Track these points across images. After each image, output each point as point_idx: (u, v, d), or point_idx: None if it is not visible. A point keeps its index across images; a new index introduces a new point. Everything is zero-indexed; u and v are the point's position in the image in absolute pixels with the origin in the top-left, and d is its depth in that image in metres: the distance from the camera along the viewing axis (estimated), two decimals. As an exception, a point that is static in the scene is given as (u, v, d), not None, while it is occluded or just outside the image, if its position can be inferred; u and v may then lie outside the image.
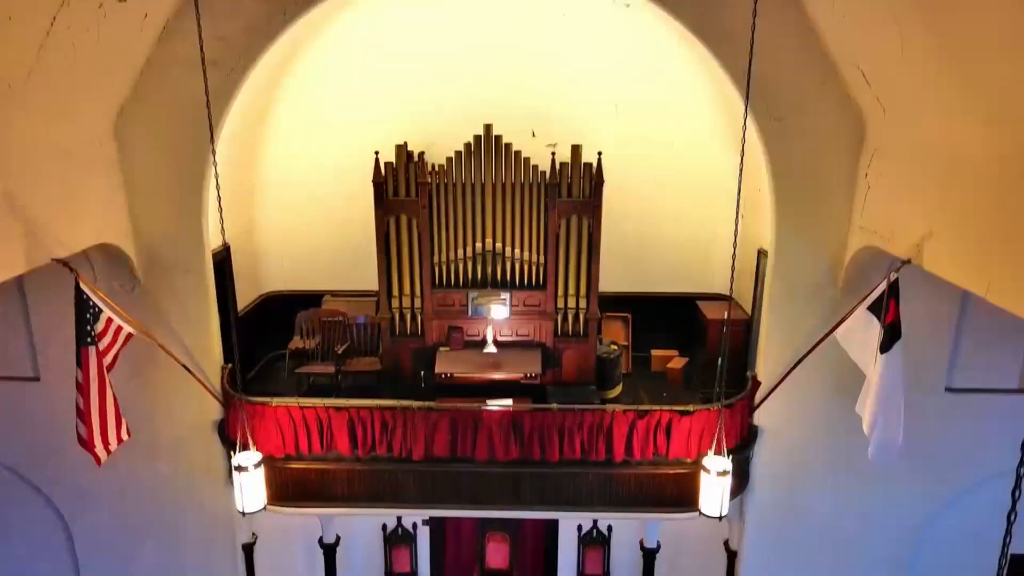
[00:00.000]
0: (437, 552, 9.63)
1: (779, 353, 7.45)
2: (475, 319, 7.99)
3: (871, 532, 8.07)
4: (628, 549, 9.41)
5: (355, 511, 7.38)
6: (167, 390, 7.75)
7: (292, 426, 7.07)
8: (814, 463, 7.84)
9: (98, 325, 6.05)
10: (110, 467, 7.96)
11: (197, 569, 8.35)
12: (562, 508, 7.27)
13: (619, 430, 7.01)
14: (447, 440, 7.03)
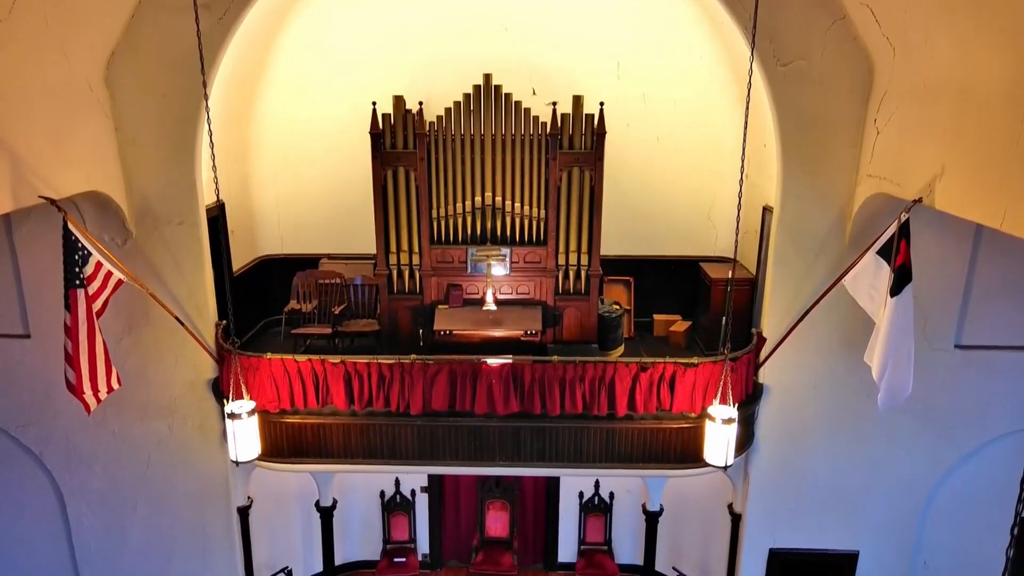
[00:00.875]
0: (436, 520, 9.49)
1: (785, 309, 7.29)
2: (474, 276, 7.84)
3: (878, 493, 7.91)
4: (630, 516, 9.28)
5: (351, 468, 7.23)
6: (160, 348, 7.60)
7: (287, 380, 6.92)
8: (820, 422, 7.68)
9: (87, 268, 5.89)
10: (102, 427, 7.90)
11: (191, 532, 8.19)
12: (563, 465, 7.12)
13: (622, 384, 6.86)
14: (445, 394, 6.87)
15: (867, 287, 6.21)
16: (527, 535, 9.60)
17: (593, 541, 9.35)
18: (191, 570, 8.32)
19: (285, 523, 8.86)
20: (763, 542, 8.14)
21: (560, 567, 9.57)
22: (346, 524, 9.34)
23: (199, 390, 7.71)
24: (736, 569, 8.31)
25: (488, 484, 9.27)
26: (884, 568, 8.16)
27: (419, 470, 7.22)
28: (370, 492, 9.29)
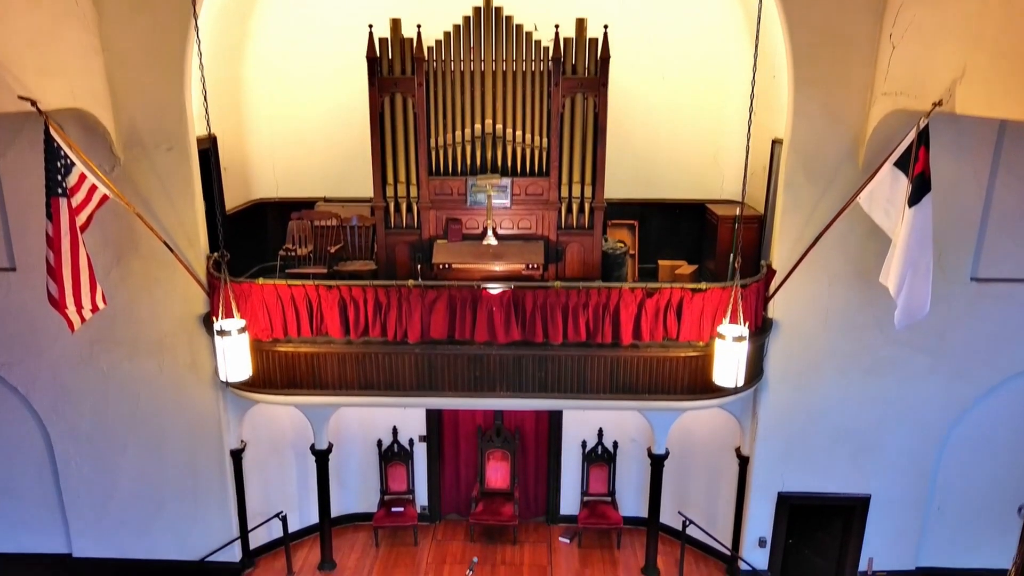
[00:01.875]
0: (435, 472, 9.24)
1: (795, 240, 7.04)
2: (474, 210, 7.59)
3: (891, 434, 7.67)
4: (634, 466, 9.05)
5: (347, 400, 6.99)
6: (150, 282, 7.37)
7: (280, 307, 6.68)
8: (831, 359, 7.44)
9: (70, 179, 5.65)
10: (90, 365, 7.66)
11: (183, 476, 7.96)
12: (566, 396, 6.87)
13: (627, 310, 6.62)
14: (444, 322, 6.63)
15: (883, 203, 5.97)
16: (528, 487, 9.35)
17: (596, 492, 9.11)
18: (183, 515, 8.09)
19: (280, 470, 8.61)
20: (772, 486, 7.90)
21: (562, 519, 9.33)
22: (343, 475, 9.09)
23: (190, 326, 7.48)
24: (744, 514, 8.07)
25: (488, 434, 9.03)
26: (896, 512, 7.92)
27: (417, 402, 6.97)
28: (367, 442, 9.05)
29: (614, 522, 8.80)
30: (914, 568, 8.13)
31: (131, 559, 8.25)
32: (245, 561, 8.35)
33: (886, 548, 8.06)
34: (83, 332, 7.51)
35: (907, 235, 5.63)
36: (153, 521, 8.14)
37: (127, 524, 8.15)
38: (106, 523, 8.16)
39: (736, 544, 8.21)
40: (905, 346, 7.38)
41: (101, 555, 8.28)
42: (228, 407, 7.80)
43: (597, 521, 8.82)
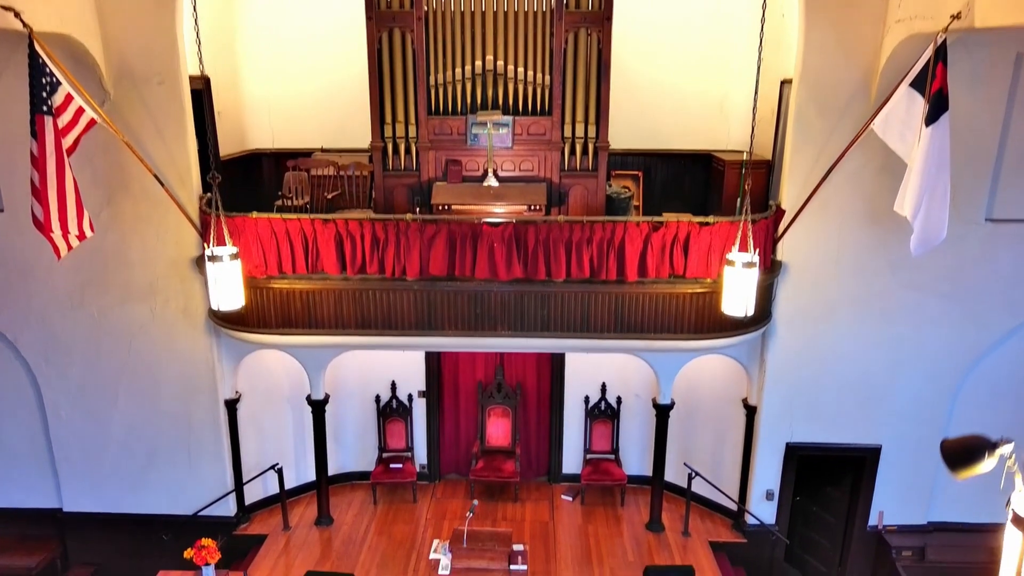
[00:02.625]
0: (434, 430, 9.04)
1: (805, 178, 6.82)
2: (474, 151, 7.38)
3: (903, 382, 7.46)
4: (638, 422, 8.85)
5: (344, 339, 6.78)
6: (141, 223, 7.16)
7: (274, 242, 6.48)
8: (842, 303, 7.23)
9: (56, 98, 5.45)
10: (80, 309, 7.46)
11: (175, 427, 7.76)
12: (570, 335, 6.66)
13: (632, 245, 6.41)
14: (444, 257, 6.43)
15: (899, 127, 5.77)
16: (530, 446, 9.15)
17: (599, 450, 8.91)
18: (176, 468, 7.89)
19: (276, 424, 8.41)
20: (779, 436, 7.70)
21: (564, 478, 9.13)
22: (340, 433, 8.89)
23: (182, 269, 7.27)
24: (751, 466, 7.87)
25: (489, 389, 8.83)
26: (908, 465, 7.71)
27: (416, 343, 6.76)
28: (365, 398, 8.85)
29: (618, 479, 8.60)
30: (926, 523, 7.93)
31: (123, 513, 8.06)
32: (240, 516, 8.16)
33: (897, 502, 7.85)
34: (73, 276, 7.35)
35: (924, 157, 5.43)
36: (145, 474, 7.94)
37: (119, 477, 7.95)
38: (97, 476, 7.96)
39: (743, 497, 8.01)
40: (917, 290, 7.17)
41: (92, 509, 8.08)
42: (222, 355, 7.60)
43: (600, 478, 8.62)
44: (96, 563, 8.14)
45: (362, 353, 8.56)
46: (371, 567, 7.49)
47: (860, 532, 7.92)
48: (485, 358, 8.87)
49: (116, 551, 8.08)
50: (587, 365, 8.66)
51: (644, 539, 7.99)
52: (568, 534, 8.11)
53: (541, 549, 7.79)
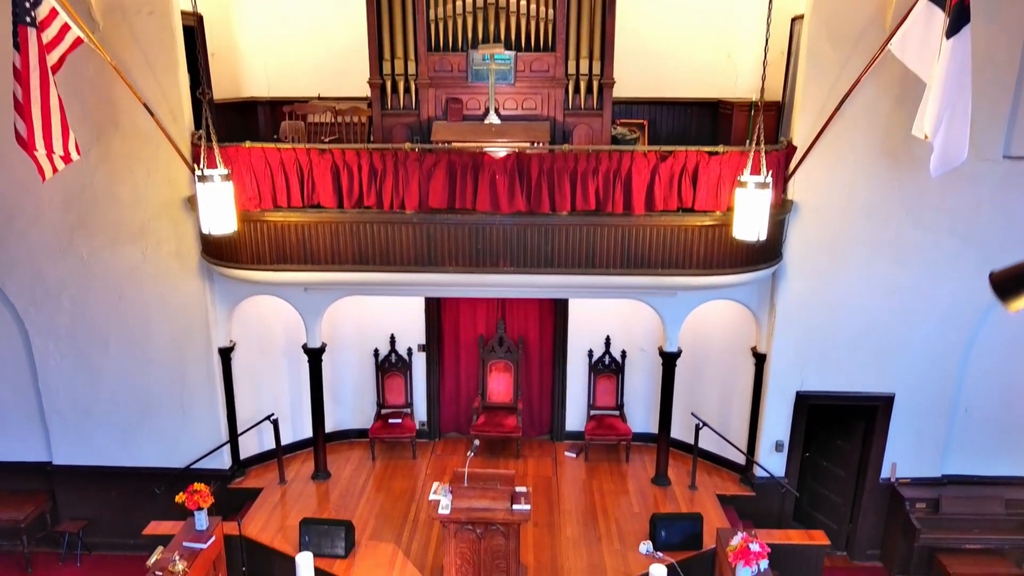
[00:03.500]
0: (434, 387, 8.82)
1: (817, 112, 6.59)
2: (475, 88, 7.16)
3: (917, 329, 7.23)
4: (643, 378, 8.64)
5: (341, 276, 6.55)
6: (132, 161, 6.94)
7: (268, 173, 6.26)
8: (855, 246, 7.01)
9: (40, 10, 5.23)
10: (69, 252, 7.25)
11: (168, 375, 7.54)
12: (574, 271, 6.43)
13: (639, 176, 6.19)
14: (444, 189, 6.21)
15: (917, 45, 5.55)
16: (532, 403, 8.93)
17: (604, 406, 8.68)
18: (169, 419, 7.68)
19: (271, 378, 8.19)
20: (789, 385, 7.47)
21: (568, 436, 8.91)
22: (337, 389, 8.68)
23: (174, 210, 7.06)
24: (760, 417, 7.65)
25: (490, 343, 8.61)
26: (921, 415, 7.48)
27: (415, 280, 6.51)
28: (363, 352, 8.64)
29: (622, 433, 8.38)
30: (940, 476, 7.70)
31: (114, 467, 7.83)
32: (235, 470, 7.94)
33: (910, 454, 7.63)
34: (61, 217, 7.14)
35: (945, 72, 5.21)
36: (137, 426, 7.72)
37: (109, 429, 7.73)
38: (87, 427, 7.74)
39: (751, 449, 7.79)
40: (932, 231, 6.95)
41: (82, 462, 7.86)
42: (216, 300, 7.38)
43: (605, 433, 8.40)
44: (87, 518, 7.92)
45: (360, 305, 8.37)
46: (369, 518, 7.28)
47: (872, 485, 7.70)
48: (486, 311, 8.65)
49: (107, 505, 7.87)
50: (591, 317, 8.45)
51: (650, 492, 7.77)
52: (572, 488, 7.89)
53: (544, 502, 7.58)
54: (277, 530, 7.05)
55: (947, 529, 7.37)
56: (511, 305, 8.61)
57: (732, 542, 6.00)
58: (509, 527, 5.89)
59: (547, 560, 6.64)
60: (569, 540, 6.95)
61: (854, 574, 7.75)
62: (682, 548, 6.67)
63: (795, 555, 6.84)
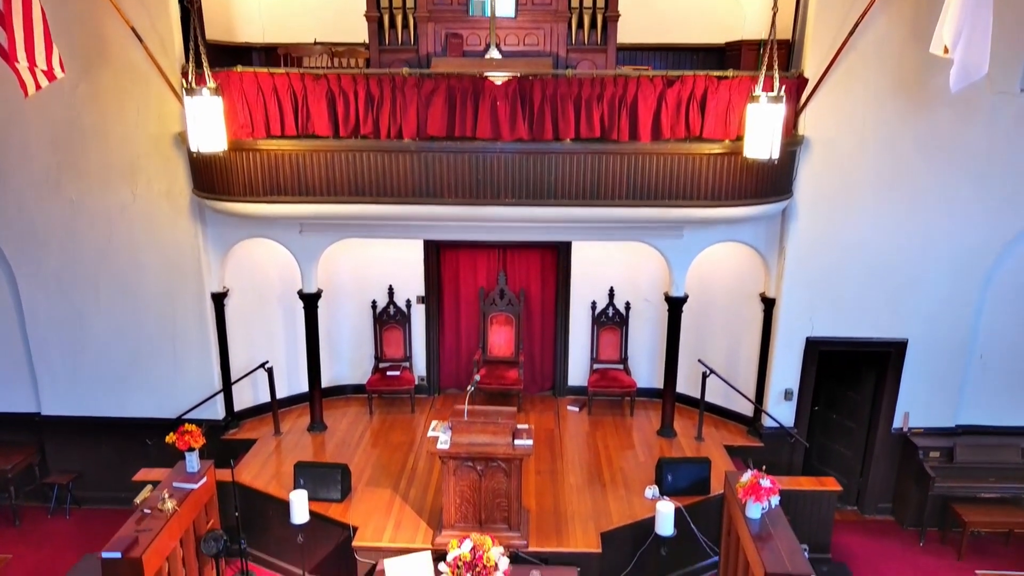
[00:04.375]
0: (433, 341, 8.60)
1: (830, 46, 6.35)
2: (476, 22, 6.95)
3: (931, 271, 7.01)
4: (648, 331, 8.44)
5: (336, 208, 6.32)
6: (121, 97, 6.72)
7: (261, 100, 6.04)
8: (868, 184, 6.79)
9: (22, -82, 5.01)
10: (57, 193, 7.05)
11: (159, 322, 7.34)
12: (579, 203, 6.21)
13: (645, 103, 5.97)
14: (443, 116, 5.99)
15: (935, -44, 5.32)
16: (534, 358, 8.72)
17: (607, 359, 8.47)
18: (160, 366, 7.47)
19: (266, 328, 7.98)
20: (799, 330, 7.26)
21: (570, 391, 8.69)
22: (334, 342, 8.47)
23: (165, 147, 6.84)
24: (768, 363, 7.44)
25: (491, 296, 8.40)
26: (935, 362, 7.27)
27: (413, 212, 6.28)
28: (361, 304, 8.42)
29: (627, 386, 8.17)
30: (953, 426, 7.49)
31: (104, 417, 7.62)
32: (228, 421, 7.72)
33: (923, 403, 7.42)
34: (49, 156, 6.93)
35: (965, -21, 5.00)
36: (127, 375, 7.50)
37: (99, 378, 7.52)
38: (77, 377, 7.53)
39: (760, 398, 7.57)
40: (946, 169, 6.74)
41: (72, 413, 7.64)
42: (208, 243, 7.17)
43: (608, 385, 8.19)
44: (76, 470, 7.71)
45: (357, 254, 8.17)
46: (365, 467, 7.07)
47: (884, 435, 7.49)
48: (487, 262, 8.44)
49: (97, 458, 7.65)
50: (594, 268, 8.25)
51: (655, 444, 7.56)
52: (575, 440, 7.68)
53: (547, 453, 7.37)
54: (271, 476, 6.84)
55: (962, 478, 7.15)
56: (512, 256, 8.40)
57: (742, 479, 5.78)
58: (511, 464, 5.67)
59: (550, 505, 6.42)
60: (572, 487, 6.74)
61: (865, 527, 7.53)
62: (689, 493, 6.46)
63: (806, 501, 6.63)
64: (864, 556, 7.00)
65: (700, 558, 6.67)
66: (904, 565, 6.92)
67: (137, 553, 5.21)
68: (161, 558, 5.50)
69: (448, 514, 5.82)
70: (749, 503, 5.68)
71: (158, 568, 5.47)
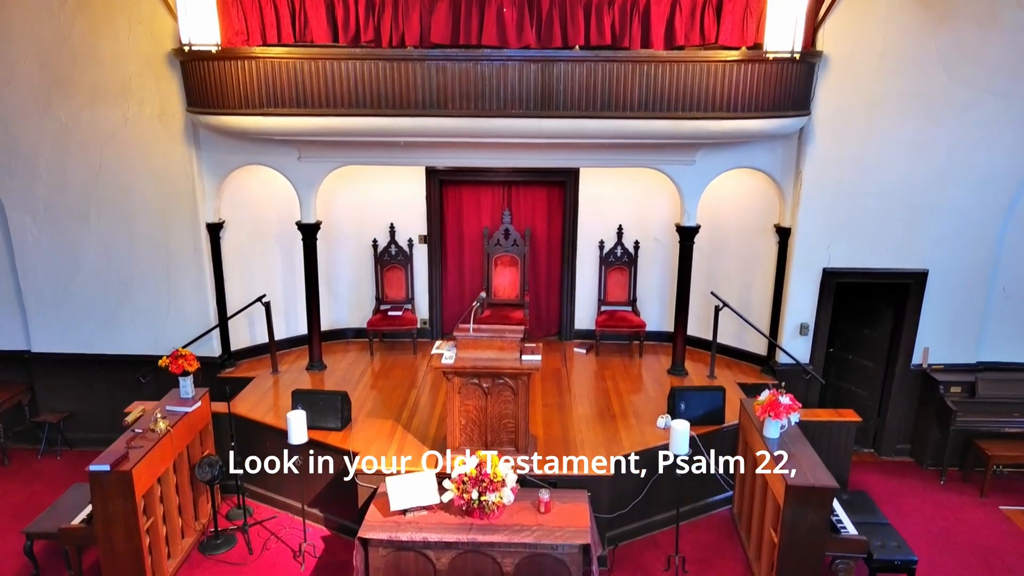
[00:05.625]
0: (436, 280, 8.35)
1: (849, -46, 6.14)
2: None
3: (953, 198, 6.76)
4: (658, 271, 8.19)
5: (335, 122, 6.05)
6: (112, 13, 6.47)
7: (257, 4, 5.78)
8: (887, 101, 6.53)
9: None
10: (46, 115, 6.82)
11: (152, 253, 7.09)
12: (588, 114, 5.95)
13: (658, 8, 5.73)
14: (447, 21, 5.74)
15: None
16: (539, 300, 8.47)
17: (615, 300, 8.22)
18: (154, 300, 7.23)
19: (263, 265, 7.74)
20: (816, 261, 7.01)
21: (577, 335, 8.45)
22: (333, 284, 8.24)
23: (158, 67, 6.58)
24: (783, 296, 7.19)
25: (495, 236, 8.14)
26: (956, 293, 7.02)
27: (416, 126, 6.01)
28: (361, 245, 8.18)
29: (636, 326, 7.92)
30: (975, 362, 7.23)
31: (96, 354, 7.37)
32: (225, 359, 7.47)
33: (943, 338, 7.16)
34: (37, 75, 6.68)
35: None
36: (120, 309, 7.26)
37: (91, 312, 7.27)
38: (68, 312, 7.28)
39: (774, 334, 7.32)
40: (970, 86, 6.48)
41: (62, 350, 7.40)
42: (203, 169, 6.92)
43: (617, 324, 7.95)
44: (67, 410, 7.46)
45: (358, 190, 7.94)
46: (366, 401, 6.82)
47: (903, 372, 7.23)
48: (491, 200, 8.19)
49: (88, 396, 7.41)
50: (602, 206, 8.00)
51: (666, 381, 7.30)
52: (582, 377, 7.43)
53: (554, 388, 7.13)
54: (269, 408, 6.59)
55: (984, 413, 6.90)
56: (517, 193, 8.16)
57: (760, 397, 5.54)
58: (518, 380, 5.42)
59: (558, 433, 6.17)
60: (582, 417, 6.49)
61: (883, 468, 7.28)
62: (703, 422, 6.21)
63: (824, 433, 6.39)
64: (883, 493, 6.75)
65: (713, 491, 6.43)
66: (925, 501, 6.67)
67: (127, 467, 4.96)
68: (152, 477, 5.26)
69: (453, 436, 5.57)
70: (767, 422, 5.44)
71: (149, 487, 5.23)
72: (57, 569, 5.66)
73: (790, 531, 4.91)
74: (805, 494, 4.83)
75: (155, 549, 5.34)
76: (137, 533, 5.06)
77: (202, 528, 6.10)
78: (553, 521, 5.05)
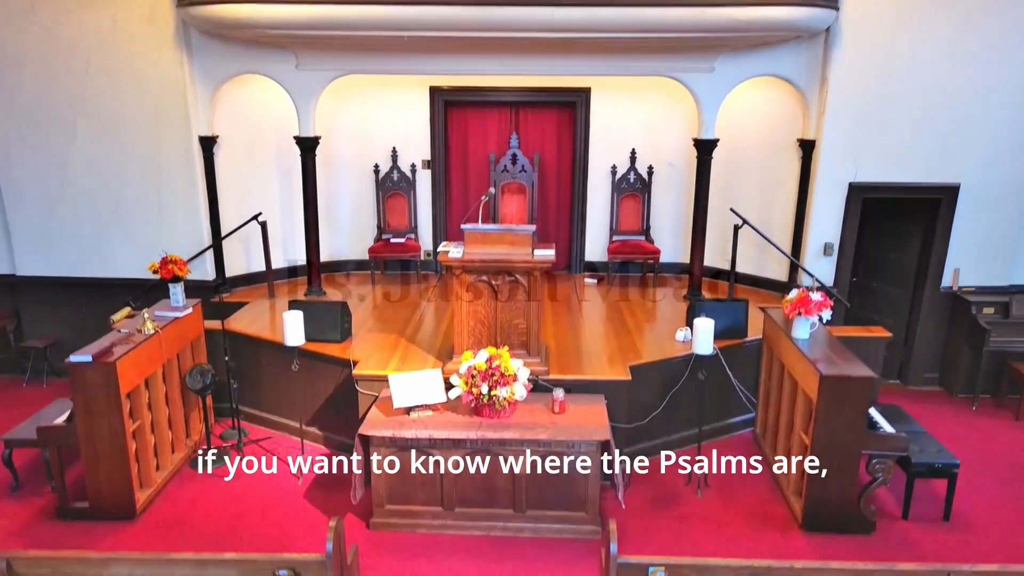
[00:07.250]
0: (440, 209, 8.00)
1: None
2: None
3: (985, 108, 6.39)
4: (672, 199, 7.84)
5: (333, 10, 5.69)
6: (99, -93, 6.12)
7: None
8: (918, 4, 6.16)
9: None
10: (29, 18, 6.49)
11: (142, 168, 6.74)
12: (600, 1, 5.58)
13: None
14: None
15: None
16: (548, 231, 8.10)
17: (628, 229, 7.86)
18: (144, 218, 6.88)
19: (259, 186, 7.37)
20: (841, 176, 6.64)
21: (587, 267, 8.09)
22: (333, 212, 7.89)
23: (148, -36, 6.24)
24: (807, 213, 6.83)
25: (502, 162, 7.79)
26: (989, 209, 6.65)
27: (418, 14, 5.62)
28: (362, 171, 7.83)
29: (649, 252, 7.57)
30: (1007, 284, 6.87)
31: (84, 277, 7.03)
32: (219, 284, 7.12)
33: (974, 259, 6.80)
34: (20, -27, 6.32)
35: None
36: (108, 229, 6.91)
37: (78, 232, 6.93)
38: (55, 233, 6.94)
39: (796, 255, 6.96)
40: (1005, -12, 6.11)
41: (49, 273, 7.06)
42: (196, 77, 6.56)
43: (630, 251, 7.59)
44: (54, 336, 7.12)
45: (358, 112, 7.59)
46: (368, 319, 6.47)
47: (932, 295, 6.88)
48: (498, 123, 7.85)
49: (76, 322, 7.05)
50: (615, 129, 7.65)
51: (683, 307, 6.92)
52: (595, 303, 7.08)
53: (565, 311, 6.77)
54: (264, 327, 6.24)
55: (1020, 333, 6.54)
56: (525, 116, 7.80)
57: (789, 295, 5.18)
58: (530, 278, 5.06)
59: (571, 344, 5.82)
60: (596, 331, 6.14)
61: (911, 397, 6.90)
62: (724, 336, 5.83)
63: (853, 350, 5.99)
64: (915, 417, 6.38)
65: (735, 411, 6.08)
66: (958, 426, 6.32)
67: (110, 359, 4.61)
68: (139, 376, 4.91)
69: (460, 339, 5.21)
70: (797, 321, 5.09)
71: (135, 386, 4.87)
72: (39, 483, 5.31)
73: (824, 428, 4.56)
74: (840, 385, 4.48)
75: (142, 457, 5.00)
76: (122, 435, 4.71)
77: (194, 445, 5.75)
78: (568, 420, 4.70)
